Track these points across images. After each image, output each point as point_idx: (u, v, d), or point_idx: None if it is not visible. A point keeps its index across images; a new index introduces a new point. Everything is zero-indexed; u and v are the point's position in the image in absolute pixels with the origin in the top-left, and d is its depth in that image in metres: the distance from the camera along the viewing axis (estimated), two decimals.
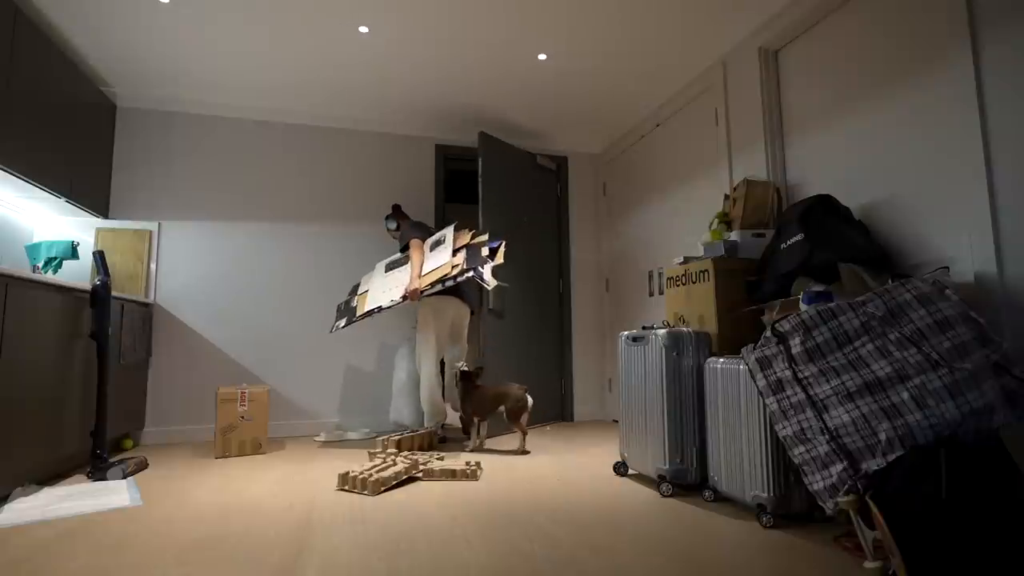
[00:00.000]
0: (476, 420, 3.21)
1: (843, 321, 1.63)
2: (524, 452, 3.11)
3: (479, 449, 3.21)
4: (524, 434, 3.12)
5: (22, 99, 2.64)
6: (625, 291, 4.33)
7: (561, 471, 2.68)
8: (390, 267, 3.66)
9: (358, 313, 3.37)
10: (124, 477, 2.59)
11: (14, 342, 2.18)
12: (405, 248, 3.61)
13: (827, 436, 1.53)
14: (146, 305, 3.49)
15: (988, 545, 1.21)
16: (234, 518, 1.99)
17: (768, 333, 1.76)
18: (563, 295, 4.57)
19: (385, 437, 3.09)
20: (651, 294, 3.96)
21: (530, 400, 3.11)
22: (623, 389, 2.56)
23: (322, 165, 4.08)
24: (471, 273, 3.09)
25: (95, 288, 2.71)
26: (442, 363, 3.39)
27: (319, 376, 3.91)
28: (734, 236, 2.59)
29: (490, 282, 3.16)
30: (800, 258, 2.17)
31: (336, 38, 3.08)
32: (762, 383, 1.73)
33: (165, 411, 3.58)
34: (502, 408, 3.12)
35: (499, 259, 3.31)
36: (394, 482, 2.39)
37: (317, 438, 3.64)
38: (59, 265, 3.17)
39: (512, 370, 4.37)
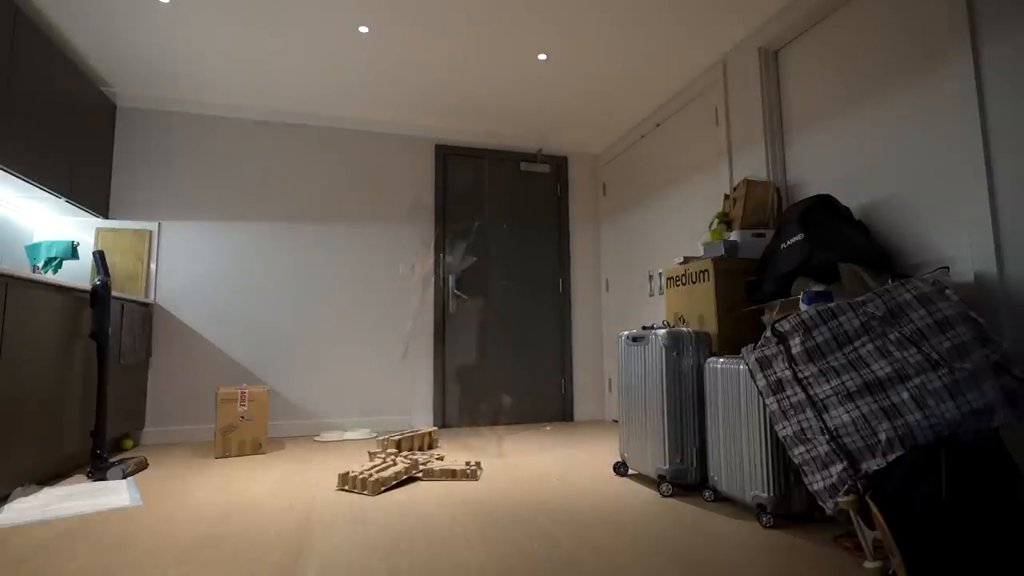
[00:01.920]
0: None
1: (843, 321, 1.63)
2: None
3: None
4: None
5: (22, 99, 2.64)
6: (625, 291, 4.33)
7: (561, 471, 2.68)
8: None
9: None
10: (124, 477, 2.59)
11: (14, 342, 2.18)
12: None
13: (827, 436, 1.53)
14: (146, 305, 3.49)
15: (988, 545, 1.21)
16: (234, 518, 1.99)
17: (768, 333, 1.76)
18: (563, 295, 4.57)
19: (385, 437, 3.09)
20: (651, 294, 3.96)
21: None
22: (623, 389, 2.56)
23: (322, 165, 4.08)
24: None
25: (95, 288, 2.71)
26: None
27: (319, 376, 3.91)
28: (734, 236, 2.59)
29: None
30: (800, 258, 2.17)
31: (336, 38, 3.08)
32: (762, 383, 1.73)
33: (165, 411, 3.57)
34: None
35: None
36: (394, 482, 2.39)
37: (317, 438, 3.64)
38: (59, 265, 3.17)
39: (512, 370, 4.37)
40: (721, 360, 2.13)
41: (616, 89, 3.70)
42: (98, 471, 2.56)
